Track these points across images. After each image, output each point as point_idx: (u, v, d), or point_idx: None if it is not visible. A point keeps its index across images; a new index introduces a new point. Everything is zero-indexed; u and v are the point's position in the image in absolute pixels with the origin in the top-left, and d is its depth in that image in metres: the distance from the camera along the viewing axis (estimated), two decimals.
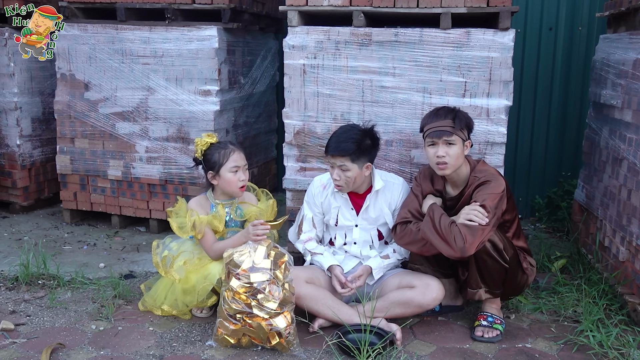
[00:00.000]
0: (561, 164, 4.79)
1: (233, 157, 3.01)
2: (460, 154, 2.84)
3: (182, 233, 3.01)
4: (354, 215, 3.10)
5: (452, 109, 2.91)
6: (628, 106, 3.17)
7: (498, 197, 2.76)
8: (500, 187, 2.79)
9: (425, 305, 2.90)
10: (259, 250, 2.73)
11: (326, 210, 3.15)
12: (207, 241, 3.00)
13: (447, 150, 2.82)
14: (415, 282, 2.93)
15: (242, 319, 2.66)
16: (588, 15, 4.57)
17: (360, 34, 3.33)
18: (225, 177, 3.01)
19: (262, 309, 2.64)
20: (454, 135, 2.81)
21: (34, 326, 2.96)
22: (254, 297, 2.65)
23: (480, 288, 2.87)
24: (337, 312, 2.85)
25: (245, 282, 2.66)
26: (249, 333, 2.68)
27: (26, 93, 4.62)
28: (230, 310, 2.66)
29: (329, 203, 3.13)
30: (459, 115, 2.87)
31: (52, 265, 3.56)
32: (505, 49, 3.21)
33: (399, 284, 2.97)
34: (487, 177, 2.84)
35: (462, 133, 2.84)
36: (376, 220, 3.09)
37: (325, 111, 3.45)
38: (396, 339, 2.79)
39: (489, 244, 2.75)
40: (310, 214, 3.16)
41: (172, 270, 2.97)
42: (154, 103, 4.15)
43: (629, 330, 2.86)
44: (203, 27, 4.00)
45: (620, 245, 3.18)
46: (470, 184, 2.87)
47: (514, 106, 4.18)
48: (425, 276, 2.96)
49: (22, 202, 4.77)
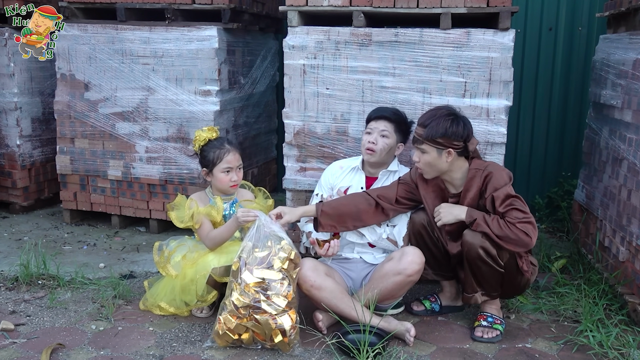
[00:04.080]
0: (561, 164, 4.79)
1: (227, 158, 3.04)
2: (432, 162, 2.80)
3: (181, 224, 3.05)
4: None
5: (433, 115, 2.80)
6: (628, 106, 3.17)
7: (510, 185, 2.78)
8: (505, 175, 2.80)
9: (402, 271, 2.83)
10: (279, 249, 2.72)
11: (336, 189, 3.16)
12: (204, 230, 3.03)
13: (420, 155, 2.83)
14: (394, 254, 2.95)
15: (249, 314, 2.63)
16: (588, 15, 4.57)
17: (360, 34, 3.33)
18: (217, 176, 3.07)
19: (270, 304, 2.62)
20: (423, 144, 2.79)
21: (34, 326, 2.96)
22: (264, 293, 2.64)
23: (476, 292, 2.87)
24: (353, 310, 2.82)
25: (258, 277, 2.65)
26: (254, 328, 2.65)
27: (26, 93, 4.62)
28: (238, 302, 2.63)
29: (342, 182, 3.15)
30: (432, 124, 2.75)
31: (52, 265, 3.56)
32: (505, 49, 3.22)
33: (382, 263, 2.99)
34: (489, 167, 2.83)
35: (433, 143, 2.75)
36: None
37: (325, 111, 3.45)
38: (410, 335, 2.78)
39: (482, 251, 2.73)
40: (320, 192, 3.19)
41: (169, 266, 3.00)
42: (154, 103, 4.15)
43: (629, 330, 2.86)
44: (203, 27, 4.00)
45: (620, 245, 3.18)
46: (471, 177, 2.84)
47: (514, 106, 4.18)
48: (404, 247, 2.97)
49: (22, 202, 4.76)
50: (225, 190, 3.13)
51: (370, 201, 2.95)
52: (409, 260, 2.85)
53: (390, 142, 3.05)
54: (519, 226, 2.68)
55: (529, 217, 2.71)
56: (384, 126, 3.04)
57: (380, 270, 2.93)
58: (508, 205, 2.72)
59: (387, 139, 3.03)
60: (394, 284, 2.88)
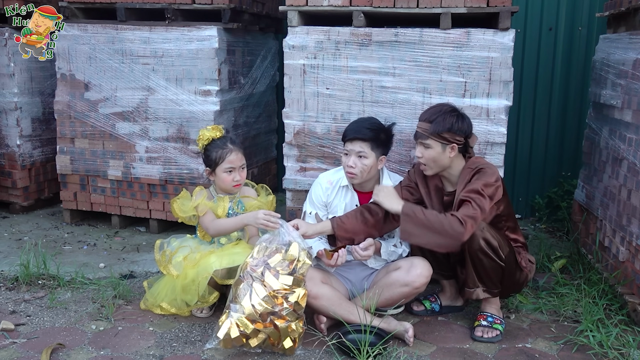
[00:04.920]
0: (561, 164, 4.79)
1: (229, 158, 3.04)
2: (436, 157, 2.82)
3: (182, 213, 3.06)
4: None
5: (438, 111, 2.85)
6: (628, 106, 3.17)
7: (493, 185, 2.77)
8: (494, 175, 2.80)
9: (410, 283, 2.85)
10: (302, 256, 2.68)
11: (330, 207, 3.11)
12: (207, 218, 3.03)
13: (424, 151, 2.84)
14: (401, 263, 2.95)
15: (270, 320, 2.58)
16: (588, 15, 4.57)
17: (360, 34, 3.33)
18: (219, 176, 3.07)
19: (291, 312, 2.59)
20: (428, 139, 2.81)
21: (34, 326, 2.96)
22: (287, 300, 2.60)
23: (478, 287, 2.86)
24: (352, 314, 2.82)
25: (284, 283, 2.61)
26: (270, 334, 2.60)
27: (26, 93, 4.62)
28: (260, 307, 2.56)
29: (334, 200, 3.09)
30: (439, 119, 2.80)
31: (52, 265, 3.56)
32: (505, 49, 3.22)
33: (387, 269, 2.99)
34: (480, 165, 2.85)
35: (438, 137, 2.79)
36: None
37: (325, 111, 3.45)
38: (408, 335, 2.78)
39: (484, 242, 2.76)
40: (313, 210, 3.11)
41: (170, 266, 3.00)
42: (154, 103, 4.15)
43: (629, 330, 2.86)
44: (203, 27, 4.00)
45: (620, 245, 3.18)
46: (463, 176, 2.86)
47: (514, 106, 4.18)
48: (410, 257, 2.96)
49: (22, 202, 4.76)
50: (229, 190, 3.13)
51: (379, 211, 2.92)
52: (417, 273, 2.86)
53: (370, 162, 2.95)
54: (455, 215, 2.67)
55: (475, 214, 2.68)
56: (359, 147, 2.92)
57: (386, 279, 2.93)
58: (468, 196, 2.72)
59: (365, 159, 2.94)
60: (400, 295, 2.91)
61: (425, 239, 2.75)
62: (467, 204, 2.71)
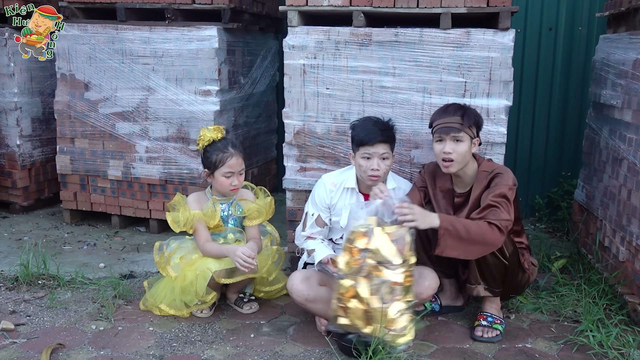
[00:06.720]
0: (561, 164, 4.79)
1: (229, 163, 3.03)
2: (467, 151, 2.83)
3: (176, 227, 3.07)
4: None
5: (461, 106, 2.91)
6: (628, 106, 3.17)
7: (512, 189, 2.79)
8: (511, 179, 2.83)
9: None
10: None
11: (334, 210, 3.07)
12: (199, 238, 3.04)
13: (455, 147, 2.81)
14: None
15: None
16: (588, 15, 4.57)
17: (360, 34, 3.33)
18: (218, 179, 3.06)
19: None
20: (461, 132, 2.81)
21: (34, 326, 2.96)
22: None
23: (480, 284, 2.86)
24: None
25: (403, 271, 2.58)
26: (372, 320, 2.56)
27: (26, 93, 4.62)
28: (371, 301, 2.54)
29: (338, 202, 3.05)
30: (468, 112, 2.87)
31: (52, 265, 3.56)
32: (505, 49, 3.21)
33: None
34: (497, 169, 2.86)
35: (470, 130, 2.83)
36: None
37: (325, 111, 3.45)
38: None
39: None
40: (316, 212, 3.07)
41: (169, 267, 3.00)
42: (154, 103, 4.15)
43: (629, 330, 2.86)
44: (203, 27, 4.00)
45: (620, 245, 3.18)
46: (480, 179, 2.86)
47: (514, 106, 4.17)
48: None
49: (22, 202, 4.77)
50: (225, 193, 3.13)
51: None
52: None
53: (391, 162, 2.97)
54: (493, 222, 2.66)
55: (508, 218, 2.68)
56: (383, 149, 2.89)
57: None
58: (496, 201, 2.72)
59: (387, 160, 2.93)
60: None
61: (463, 251, 2.69)
62: (495, 209, 2.70)
